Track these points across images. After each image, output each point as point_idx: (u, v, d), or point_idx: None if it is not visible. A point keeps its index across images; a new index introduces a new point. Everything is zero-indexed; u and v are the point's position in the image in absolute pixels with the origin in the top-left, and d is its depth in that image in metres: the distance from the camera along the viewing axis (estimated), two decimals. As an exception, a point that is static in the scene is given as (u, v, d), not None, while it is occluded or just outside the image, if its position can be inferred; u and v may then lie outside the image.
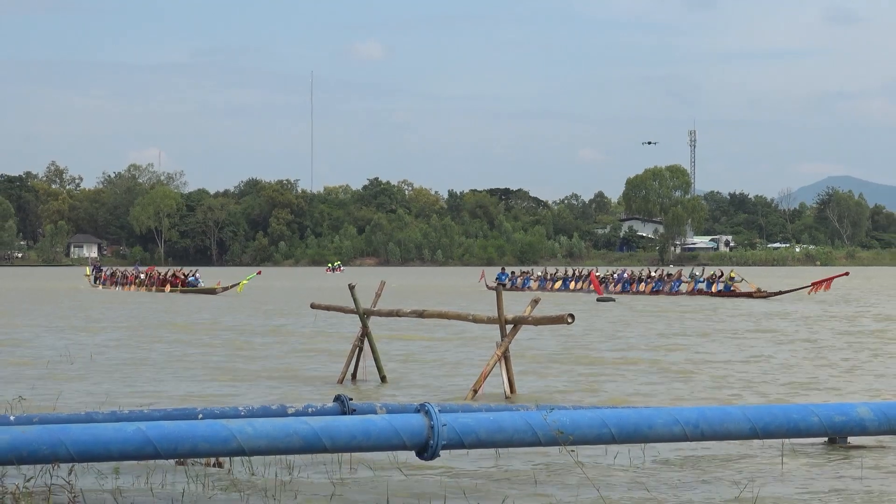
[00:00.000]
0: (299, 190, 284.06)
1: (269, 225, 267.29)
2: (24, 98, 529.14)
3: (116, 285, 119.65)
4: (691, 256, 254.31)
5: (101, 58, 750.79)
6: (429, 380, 32.26)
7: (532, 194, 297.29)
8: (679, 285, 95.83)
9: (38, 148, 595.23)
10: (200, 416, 18.54)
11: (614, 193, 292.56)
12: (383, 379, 30.93)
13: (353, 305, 31.74)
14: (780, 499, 16.58)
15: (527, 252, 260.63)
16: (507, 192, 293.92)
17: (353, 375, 31.04)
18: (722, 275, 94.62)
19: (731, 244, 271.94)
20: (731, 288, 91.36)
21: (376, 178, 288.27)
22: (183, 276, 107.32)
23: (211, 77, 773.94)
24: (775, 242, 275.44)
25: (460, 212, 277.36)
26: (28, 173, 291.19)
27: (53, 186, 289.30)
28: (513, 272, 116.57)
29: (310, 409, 19.42)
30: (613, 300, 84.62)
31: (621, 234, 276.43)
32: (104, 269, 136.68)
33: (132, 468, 17.97)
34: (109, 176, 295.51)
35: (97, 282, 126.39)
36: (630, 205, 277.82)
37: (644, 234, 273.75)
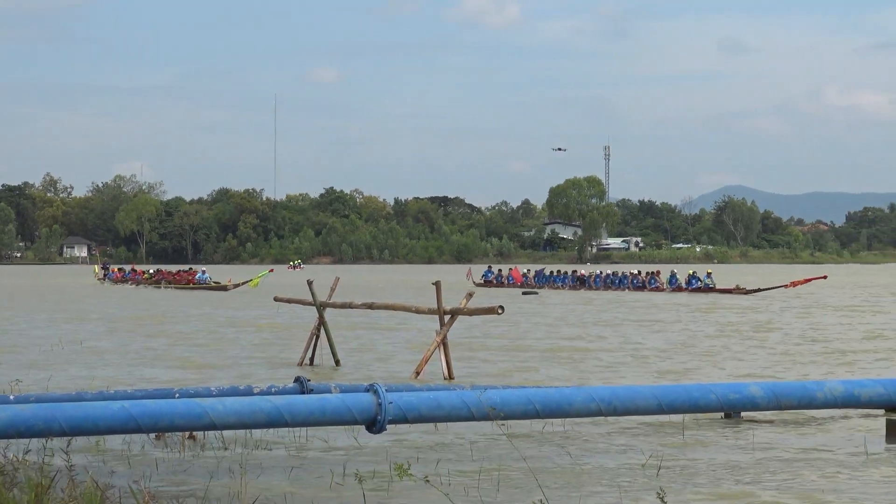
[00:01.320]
0: (264, 197, 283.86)
1: (237, 228, 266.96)
2: (24, 116, 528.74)
3: (126, 282, 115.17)
4: (606, 255, 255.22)
5: (91, 82, 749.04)
6: (377, 363, 32.25)
7: (467, 201, 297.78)
8: (654, 283, 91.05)
9: (36, 161, 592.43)
10: (177, 395, 18.50)
11: (539, 200, 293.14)
12: (337, 363, 30.90)
13: (311, 298, 31.72)
14: (681, 466, 16.64)
15: (462, 252, 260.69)
16: (445, 199, 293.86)
17: (311, 360, 31.00)
18: (694, 274, 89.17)
19: (641, 245, 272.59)
20: (711, 285, 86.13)
21: (332, 187, 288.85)
22: (191, 274, 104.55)
23: (187, 98, 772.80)
24: (679, 243, 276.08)
25: (405, 217, 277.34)
26: (26, 183, 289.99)
27: (48, 194, 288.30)
28: (499, 270, 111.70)
29: (273, 389, 19.41)
30: (537, 293, 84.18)
31: (545, 236, 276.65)
32: (111, 266, 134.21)
33: (117, 440, 17.93)
34: (97, 185, 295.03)
35: (106, 279, 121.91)
36: (552, 210, 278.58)
37: (565, 236, 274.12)
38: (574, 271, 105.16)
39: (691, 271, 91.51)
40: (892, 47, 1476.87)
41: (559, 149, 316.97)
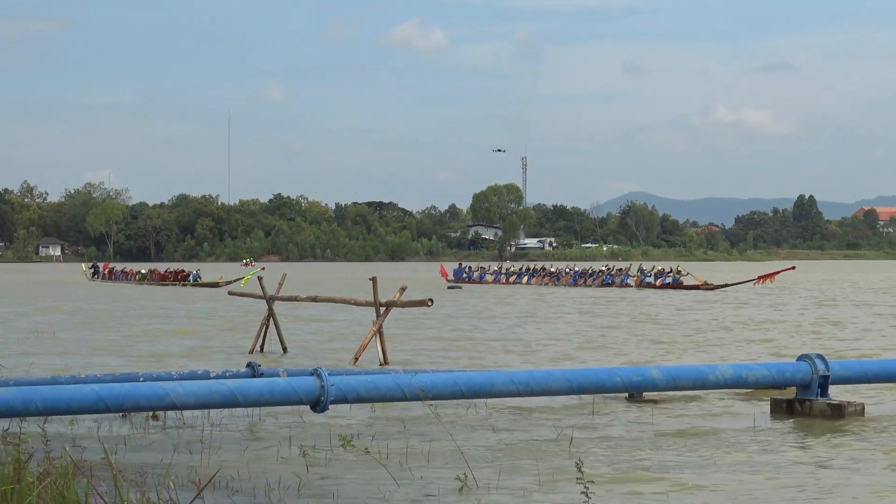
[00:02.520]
0: (219, 202, 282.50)
1: (195, 230, 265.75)
2: (2, 130, 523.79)
3: (115, 279, 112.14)
4: (523, 254, 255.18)
5: (62, 99, 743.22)
6: (321, 350, 32.23)
7: (400, 206, 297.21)
8: (627, 279, 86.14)
9: (14, 169, 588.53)
10: (142, 378, 18.46)
11: (464, 205, 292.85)
12: (285, 350, 30.82)
13: (262, 292, 31.69)
14: (590, 439, 16.72)
15: (396, 251, 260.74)
16: (380, 204, 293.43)
17: (262, 347, 30.91)
18: (671, 271, 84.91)
19: (554, 244, 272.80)
20: (679, 281, 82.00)
21: (279, 193, 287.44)
22: (184, 273, 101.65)
23: (150, 114, 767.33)
24: (588, 243, 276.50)
25: (344, 219, 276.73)
26: (6, 189, 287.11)
27: (26, 200, 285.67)
28: (469, 267, 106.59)
29: (227, 374, 19.40)
30: (460, 287, 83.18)
31: (469, 236, 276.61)
32: (101, 265, 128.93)
33: (88, 419, 17.86)
34: (70, 191, 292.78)
35: (95, 276, 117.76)
36: (476, 214, 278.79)
37: (487, 237, 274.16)
38: (543, 267, 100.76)
39: (660, 268, 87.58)
40: (774, 70, 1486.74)
41: (498, 150, 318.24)
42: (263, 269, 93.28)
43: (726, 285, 78.26)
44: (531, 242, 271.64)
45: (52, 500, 9.74)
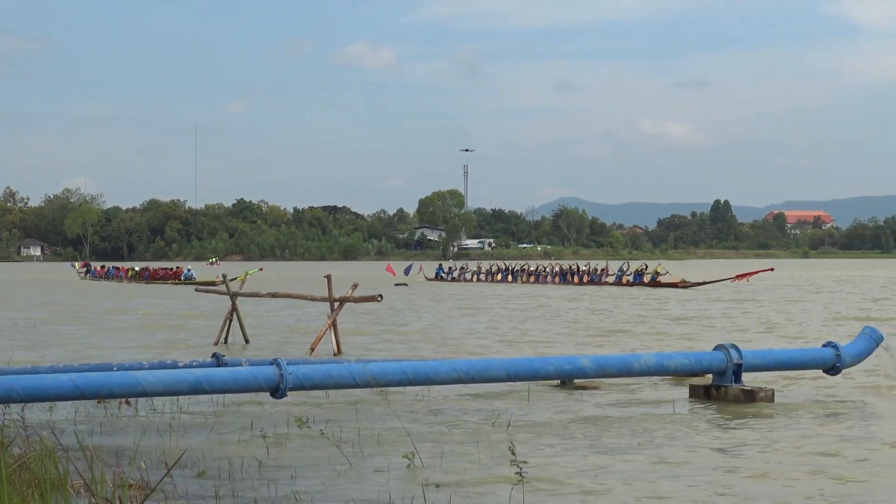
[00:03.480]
0: (187, 206, 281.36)
1: (164, 232, 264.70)
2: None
3: (108, 278, 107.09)
4: (465, 254, 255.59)
5: (44, 111, 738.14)
6: (280, 342, 32.15)
7: (353, 210, 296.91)
8: (606, 277, 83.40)
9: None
10: (115, 368, 18.35)
11: (410, 209, 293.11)
12: (247, 341, 30.73)
13: (225, 289, 31.61)
14: (525, 421, 16.76)
15: (349, 251, 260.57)
16: (335, 208, 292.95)
17: (226, 339, 30.82)
18: (646, 268, 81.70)
19: (493, 245, 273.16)
20: (656, 279, 78.13)
21: (242, 198, 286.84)
22: (177, 271, 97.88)
23: (123, 125, 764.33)
24: (524, 243, 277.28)
25: (302, 222, 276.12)
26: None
27: (8, 204, 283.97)
28: (450, 267, 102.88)
29: (194, 363, 19.33)
30: (406, 284, 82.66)
31: (416, 238, 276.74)
32: (94, 265, 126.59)
33: (66, 406, 17.75)
34: (49, 196, 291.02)
35: (87, 275, 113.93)
36: (422, 217, 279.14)
37: (432, 238, 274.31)
38: (525, 266, 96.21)
39: (639, 267, 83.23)
40: (692, 86, 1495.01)
41: (466, 150, 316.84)
42: (261, 269, 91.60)
43: (703, 283, 76.07)
44: (472, 243, 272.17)
45: (31, 479, 9.68)
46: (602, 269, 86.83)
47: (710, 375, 19.43)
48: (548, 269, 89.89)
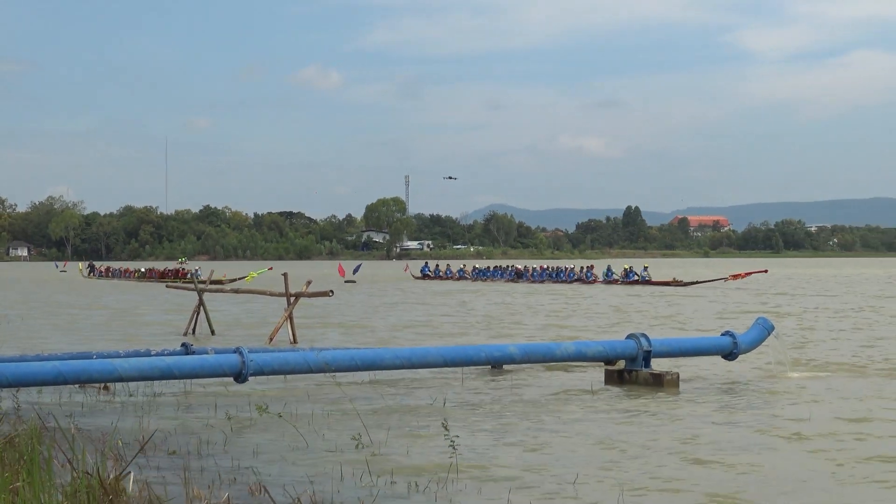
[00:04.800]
0: (158, 212, 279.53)
1: (139, 234, 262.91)
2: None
3: (113, 277, 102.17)
4: (406, 254, 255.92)
5: (30, 126, 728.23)
6: (242, 332, 32.02)
7: (307, 214, 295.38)
8: (590, 275, 76.92)
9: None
10: (95, 356, 18.24)
11: (358, 214, 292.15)
12: (212, 332, 30.57)
13: (193, 285, 31.48)
14: (460, 402, 16.80)
15: (303, 251, 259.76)
16: (290, 213, 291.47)
17: (193, 330, 30.68)
18: (629, 269, 76.09)
19: (431, 246, 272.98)
20: (647, 278, 72.89)
21: (208, 205, 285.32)
22: (182, 271, 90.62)
23: (102, 138, 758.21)
24: (458, 245, 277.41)
25: (261, 226, 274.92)
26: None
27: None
28: (437, 265, 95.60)
29: (165, 352, 19.26)
30: (355, 281, 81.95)
31: (363, 240, 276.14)
32: (98, 265, 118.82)
33: (51, 390, 17.62)
34: (35, 203, 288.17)
35: (91, 274, 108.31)
36: (368, 221, 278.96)
37: (377, 240, 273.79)
38: (512, 265, 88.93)
39: (627, 266, 78.24)
40: (606, 106, 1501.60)
41: (450, 177, 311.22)
42: (271, 268, 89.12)
43: (696, 282, 70.86)
44: (413, 245, 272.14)
45: (19, 456, 9.59)
46: (590, 268, 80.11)
47: (624, 361, 19.55)
48: (536, 269, 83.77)
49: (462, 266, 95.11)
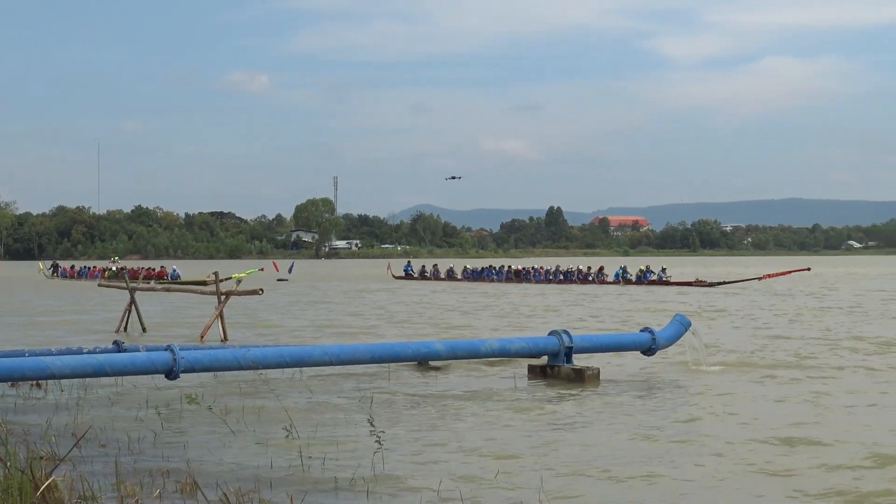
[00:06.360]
0: (91, 212, 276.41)
1: (71, 234, 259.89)
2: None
3: (81, 277, 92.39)
4: (335, 253, 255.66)
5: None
6: (173, 330, 31.79)
7: (237, 215, 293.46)
8: (601, 276, 71.62)
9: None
10: (27, 354, 18.03)
11: (288, 214, 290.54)
12: (144, 329, 30.36)
13: (125, 284, 31.23)
14: (387, 399, 16.82)
15: (234, 251, 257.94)
16: (221, 213, 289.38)
17: (125, 327, 30.44)
18: (645, 269, 69.78)
19: (359, 245, 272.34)
20: (664, 278, 67.15)
21: (140, 205, 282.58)
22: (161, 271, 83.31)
23: (35, 140, 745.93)
24: (386, 244, 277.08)
25: (192, 226, 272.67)
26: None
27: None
28: (423, 266, 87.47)
29: (97, 349, 19.09)
30: (287, 280, 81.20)
31: (292, 239, 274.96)
32: (62, 265, 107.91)
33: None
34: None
35: (55, 275, 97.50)
36: (297, 221, 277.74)
37: (306, 240, 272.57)
38: (510, 266, 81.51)
39: (644, 266, 71.81)
40: (528, 110, 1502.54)
41: (453, 177, 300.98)
42: (262, 269, 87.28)
43: (724, 283, 64.10)
44: (341, 244, 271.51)
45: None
46: (601, 269, 74.17)
47: (546, 357, 19.68)
48: (538, 269, 77.67)
49: (451, 266, 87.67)
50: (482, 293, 57.44)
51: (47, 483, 8.60)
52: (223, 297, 27.93)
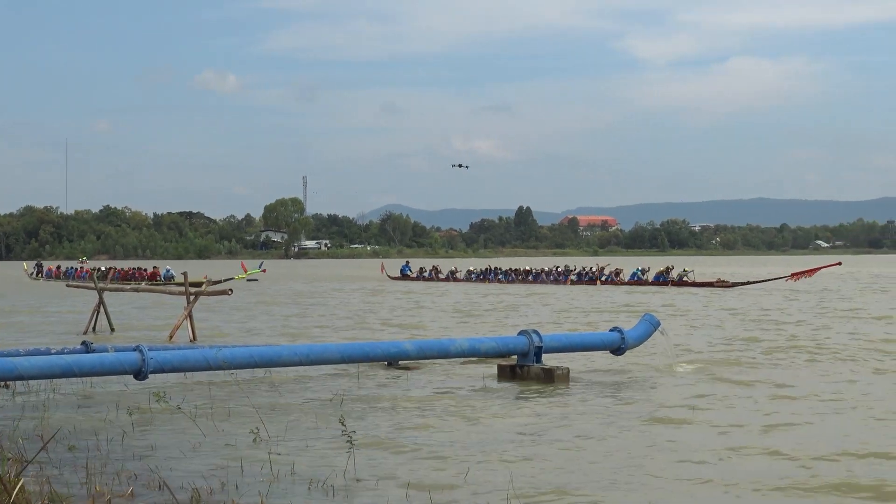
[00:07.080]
0: (59, 212, 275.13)
1: (39, 234, 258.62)
2: None
3: (67, 277, 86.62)
4: (305, 253, 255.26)
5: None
6: (142, 330, 31.67)
7: (206, 215, 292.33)
8: (616, 277, 68.78)
9: None
10: (-6, 355, 17.92)
11: (257, 214, 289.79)
12: (112, 330, 30.25)
13: (93, 284, 31.09)
14: (357, 398, 16.83)
15: (203, 251, 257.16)
16: (190, 213, 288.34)
17: (94, 328, 30.31)
18: (665, 269, 66.04)
19: (329, 245, 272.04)
20: (683, 279, 63.27)
21: (108, 205, 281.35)
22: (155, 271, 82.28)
23: (3, 140, 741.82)
24: (355, 244, 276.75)
25: (161, 226, 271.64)
26: None
27: None
28: (421, 268, 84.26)
29: (66, 350, 19.01)
30: (257, 280, 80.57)
31: (261, 239, 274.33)
32: (48, 265, 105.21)
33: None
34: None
35: (39, 276, 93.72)
36: (267, 221, 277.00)
37: (276, 240, 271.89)
38: (517, 269, 77.62)
39: (664, 267, 67.99)
40: (497, 110, 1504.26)
41: (460, 165, 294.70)
42: (265, 270, 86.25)
43: (748, 283, 60.62)
44: (311, 244, 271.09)
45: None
46: (618, 270, 71.70)
47: (516, 357, 19.69)
48: (548, 269, 74.80)
49: (454, 267, 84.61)
50: (484, 294, 57.47)
51: (18, 486, 8.54)
52: (192, 298, 27.86)
